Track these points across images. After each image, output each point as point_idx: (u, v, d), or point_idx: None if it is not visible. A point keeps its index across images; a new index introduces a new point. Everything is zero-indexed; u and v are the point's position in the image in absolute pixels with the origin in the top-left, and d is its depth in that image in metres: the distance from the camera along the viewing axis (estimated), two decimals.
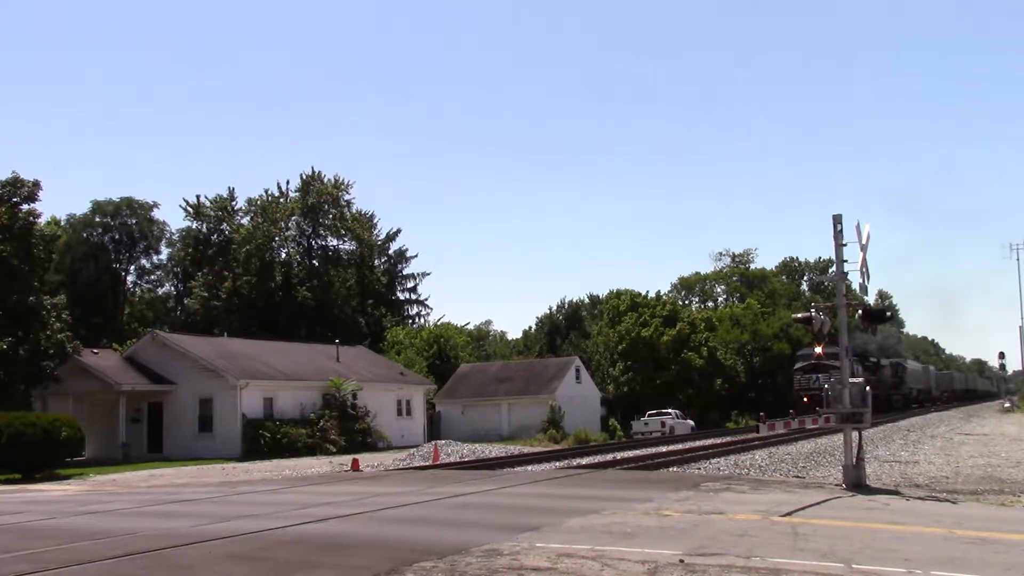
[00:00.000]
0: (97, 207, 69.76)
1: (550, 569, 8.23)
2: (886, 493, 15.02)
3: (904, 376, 70.14)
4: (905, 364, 73.15)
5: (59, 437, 26.84)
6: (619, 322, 63.94)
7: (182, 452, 36.63)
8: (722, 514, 11.88)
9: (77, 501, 17.72)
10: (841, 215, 16.12)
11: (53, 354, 34.58)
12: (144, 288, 76.11)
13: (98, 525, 12.92)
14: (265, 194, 72.62)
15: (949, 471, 20.94)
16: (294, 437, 37.19)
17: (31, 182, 34.81)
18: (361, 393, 42.02)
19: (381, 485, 18.35)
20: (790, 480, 18.96)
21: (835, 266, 16.62)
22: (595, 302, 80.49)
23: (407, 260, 79.39)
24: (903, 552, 8.88)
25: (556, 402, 51.43)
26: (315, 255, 73.10)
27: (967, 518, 11.69)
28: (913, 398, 73.29)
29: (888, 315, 32.84)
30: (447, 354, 65.00)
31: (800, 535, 9.99)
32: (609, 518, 11.61)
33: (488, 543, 9.58)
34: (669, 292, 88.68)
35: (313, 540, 10.51)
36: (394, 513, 13.15)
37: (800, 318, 18.53)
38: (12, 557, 9.77)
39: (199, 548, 10.06)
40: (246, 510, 14.13)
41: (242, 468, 29.41)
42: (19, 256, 33.74)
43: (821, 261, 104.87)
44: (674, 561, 8.42)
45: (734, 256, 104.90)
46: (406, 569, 8.35)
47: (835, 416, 15.99)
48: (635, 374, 60.62)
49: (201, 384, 38.19)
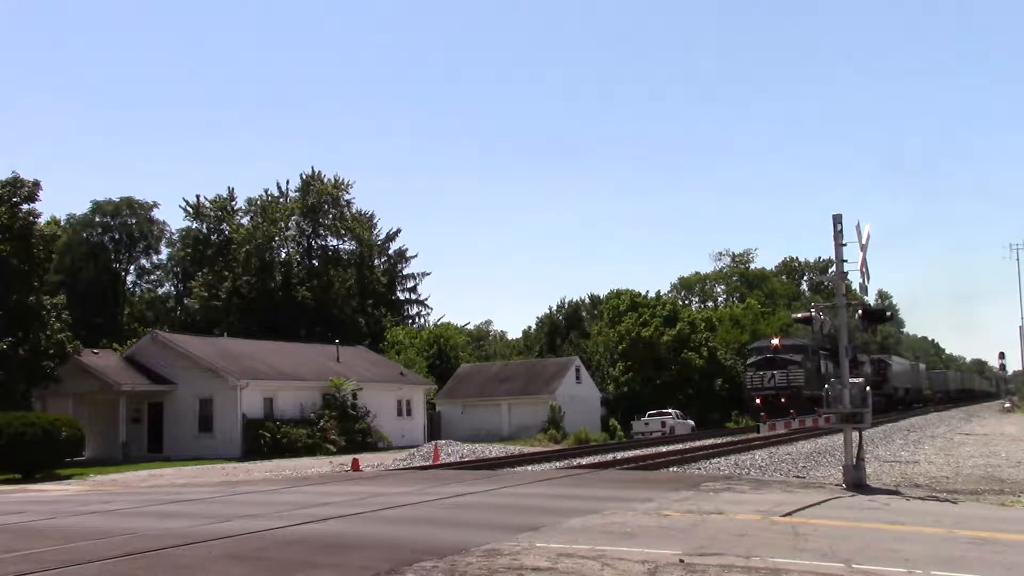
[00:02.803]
0: (97, 207, 69.83)
1: (550, 569, 8.23)
2: (886, 493, 15.02)
3: (887, 374, 63.41)
4: (888, 361, 66.86)
5: (59, 437, 26.85)
6: (619, 322, 63.94)
7: (182, 452, 36.61)
8: (722, 514, 11.88)
9: (77, 501, 17.72)
10: (841, 215, 16.16)
11: (53, 354, 34.59)
12: (144, 288, 76.20)
13: (98, 525, 12.92)
14: (265, 194, 72.77)
15: (949, 471, 20.93)
16: (294, 437, 37.18)
17: (31, 182, 34.82)
18: (361, 393, 42.00)
19: (381, 485, 18.35)
20: (790, 480, 18.96)
21: (835, 266, 16.63)
22: (595, 302, 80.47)
23: (407, 260, 79.48)
24: (903, 552, 8.88)
25: (556, 402, 51.42)
26: (315, 255, 73.11)
27: (967, 518, 11.69)
28: (899, 399, 67.22)
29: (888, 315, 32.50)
30: (447, 354, 65.00)
31: (800, 535, 9.99)
32: (609, 518, 11.61)
33: (488, 543, 9.58)
34: (669, 292, 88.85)
35: (313, 540, 10.51)
36: (394, 513, 13.15)
37: (800, 318, 18.55)
38: (12, 557, 9.77)
39: (199, 548, 10.06)
40: (246, 510, 14.13)
41: (242, 468, 29.41)
42: (19, 256, 33.73)
43: (821, 261, 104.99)
44: (674, 561, 8.42)
45: (734, 256, 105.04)
46: (406, 569, 8.35)
47: (835, 416, 15.99)
48: (635, 374, 60.59)
49: (201, 384, 38.18)
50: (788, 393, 47.43)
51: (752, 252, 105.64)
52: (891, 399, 62.25)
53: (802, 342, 52.09)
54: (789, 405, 45.51)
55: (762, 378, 49.24)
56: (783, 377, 48.32)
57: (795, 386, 47.84)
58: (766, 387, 48.71)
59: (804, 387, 47.67)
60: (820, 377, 50.95)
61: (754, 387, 49.77)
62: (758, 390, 49.15)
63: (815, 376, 49.68)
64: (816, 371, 50.57)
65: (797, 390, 47.58)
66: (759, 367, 49.87)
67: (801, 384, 47.90)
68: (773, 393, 48.18)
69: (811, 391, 47.57)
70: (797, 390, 47.58)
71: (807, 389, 47.58)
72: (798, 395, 47.13)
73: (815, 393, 49.21)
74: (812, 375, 49.35)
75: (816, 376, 49.94)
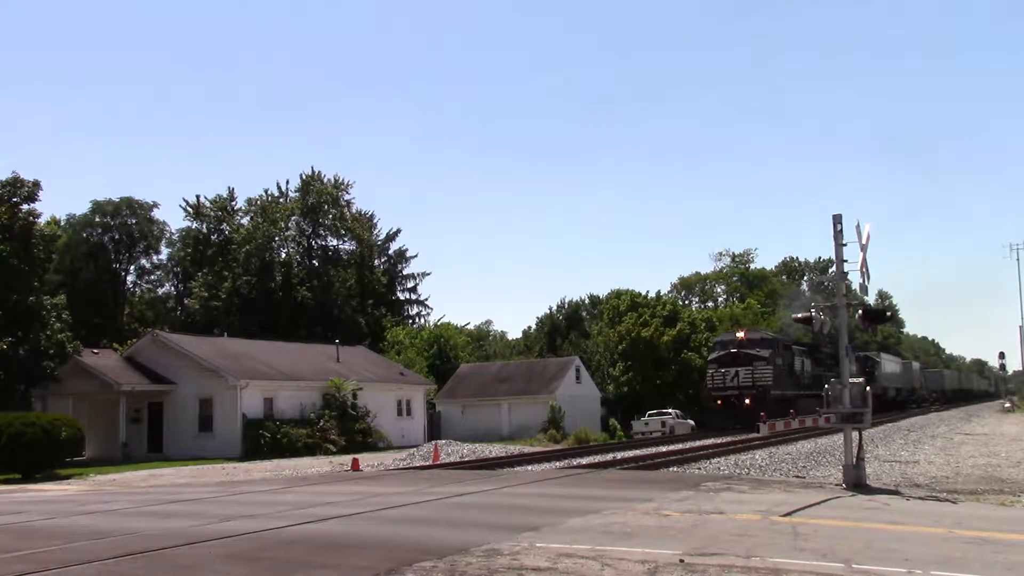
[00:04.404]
0: (97, 207, 69.79)
1: (550, 569, 8.23)
2: (886, 493, 15.02)
3: (875, 373, 57.55)
4: (876, 358, 61.41)
5: (59, 437, 26.87)
6: (619, 322, 63.92)
7: (182, 452, 36.61)
8: (722, 514, 11.88)
9: (77, 501, 17.72)
10: (841, 215, 16.15)
11: (53, 354, 34.58)
12: (144, 288, 76.13)
13: (98, 525, 12.92)
14: (265, 194, 72.80)
15: (949, 471, 20.93)
16: (294, 437, 37.18)
17: (31, 182, 34.82)
18: (361, 393, 42.01)
19: (381, 485, 18.34)
20: (790, 480, 18.95)
21: (835, 266, 16.63)
22: (595, 302, 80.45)
23: (407, 260, 79.55)
24: (903, 552, 8.88)
25: (556, 402, 51.40)
26: (315, 255, 73.10)
27: (967, 518, 11.69)
28: (889, 399, 61.06)
29: (888, 315, 31.89)
30: (447, 354, 65.00)
31: (800, 535, 9.98)
32: (609, 518, 11.61)
33: (488, 543, 9.58)
34: (669, 292, 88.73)
35: (313, 540, 10.51)
36: (394, 513, 13.15)
37: (800, 318, 18.53)
38: (12, 557, 9.77)
39: (199, 548, 10.06)
40: (246, 510, 14.13)
41: (242, 468, 29.41)
42: (19, 256, 33.72)
43: (821, 261, 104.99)
44: (674, 561, 8.42)
45: (734, 256, 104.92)
46: (406, 569, 8.35)
47: (835, 416, 16.00)
48: (635, 374, 60.55)
49: (201, 384, 38.18)
50: (754, 394, 41.64)
51: (752, 252, 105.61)
52: (880, 400, 52.16)
53: (771, 335, 46.78)
54: (755, 408, 39.92)
55: (724, 376, 43.10)
56: (748, 375, 42.37)
57: (761, 386, 42.01)
58: (728, 387, 42.65)
59: (772, 387, 42.11)
60: (794, 376, 45.72)
61: (715, 387, 43.64)
62: (719, 390, 43.14)
63: (787, 374, 44.57)
64: (788, 369, 45.41)
65: (764, 390, 41.78)
66: (721, 363, 43.69)
67: (768, 383, 42.08)
68: (736, 394, 42.36)
69: (781, 391, 42.79)
70: (764, 390, 41.78)
71: (776, 389, 42.44)
72: (764, 396, 41.38)
73: (786, 393, 43.63)
74: (783, 373, 44.02)
75: (788, 374, 44.80)
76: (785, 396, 43.29)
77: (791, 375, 45.20)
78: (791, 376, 44.98)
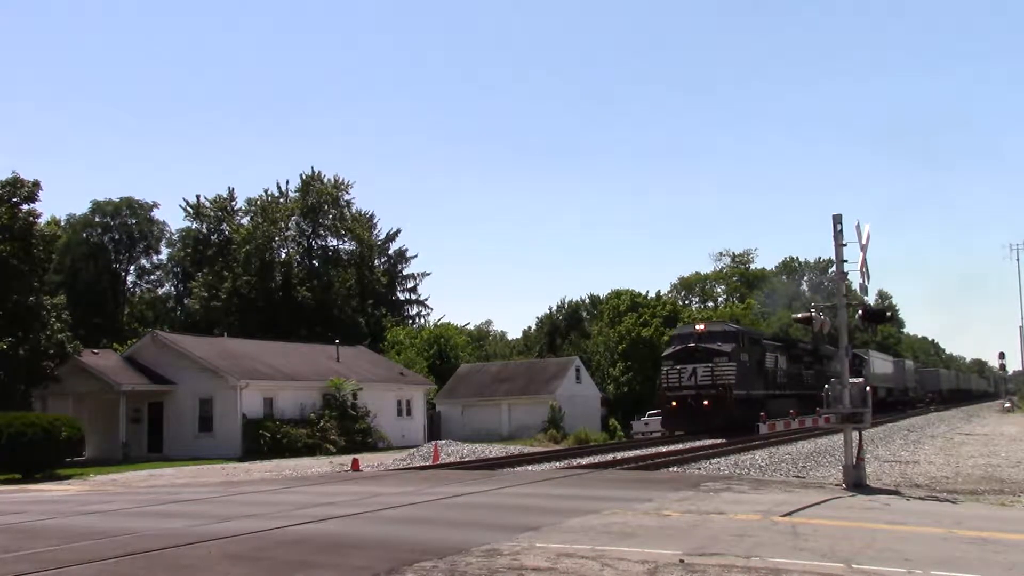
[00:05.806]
0: (97, 207, 69.82)
1: (550, 569, 8.23)
2: (886, 493, 15.02)
3: (863, 372, 50.45)
4: (865, 356, 56.29)
5: (59, 437, 26.85)
6: (619, 322, 63.91)
7: (182, 452, 36.61)
8: (722, 514, 11.88)
9: (77, 501, 17.72)
10: (841, 215, 16.15)
11: (53, 354, 34.58)
12: (144, 288, 76.18)
13: (98, 525, 12.92)
14: (265, 194, 72.69)
15: (949, 471, 20.93)
16: (294, 437, 37.16)
17: (31, 182, 34.80)
18: (361, 393, 42.00)
19: (381, 485, 18.34)
20: (790, 480, 18.95)
21: (835, 266, 16.63)
22: (595, 302, 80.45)
23: (407, 260, 79.56)
24: (903, 552, 8.89)
25: (556, 402, 51.39)
26: (315, 255, 73.10)
27: (967, 518, 11.69)
28: (879, 399, 51.67)
29: (888, 315, 31.67)
30: (447, 354, 64.98)
31: (800, 535, 9.99)
32: (609, 518, 11.61)
33: (488, 543, 9.58)
34: (669, 292, 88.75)
35: (313, 540, 10.51)
36: (394, 513, 13.15)
37: (800, 318, 18.54)
38: (12, 557, 9.77)
39: (199, 548, 10.06)
40: (246, 510, 14.13)
41: (242, 468, 29.41)
42: (19, 256, 33.71)
43: (821, 261, 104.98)
44: (674, 561, 8.42)
45: (734, 256, 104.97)
46: (406, 569, 8.35)
47: (835, 416, 16.00)
48: (635, 374, 60.53)
49: (201, 384, 38.16)
50: (713, 394, 36.73)
51: (752, 252, 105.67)
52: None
53: (736, 328, 41.66)
54: (715, 411, 36.30)
55: (680, 374, 37.74)
56: (707, 373, 37.33)
57: (723, 384, 36.92)
58: (684, 386, 37.43)
59: (736, 386, 37.16)
60: (764, 374, 41.20)
61: (669, 386, 38.11)
62: (674, 390, 37.79)
63: (754, 372, 39.76)
64: (757, 366, 40.53)
65: (725, 390, 36.80)
66: (678, 359, 38.42)
67: (731, 382, 37.05)
68: (693, 394, 37.32)
69: (747, 391, 38.18)
70: (725, 390, 36.80)
71: (741, 388, 37.58)
72: (726, 397, 36.70)
73: (753, 394, 38.94)
74: (749, 371, 39.02)
75: (756, 372, 40.06)
76: (752, 397, 38.73)
77: (760, 373, 40.36)
78: (760, 374, 40.23)
